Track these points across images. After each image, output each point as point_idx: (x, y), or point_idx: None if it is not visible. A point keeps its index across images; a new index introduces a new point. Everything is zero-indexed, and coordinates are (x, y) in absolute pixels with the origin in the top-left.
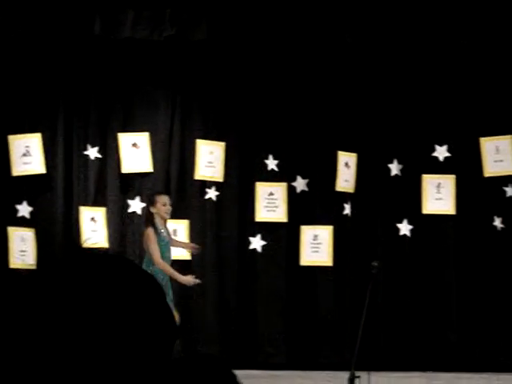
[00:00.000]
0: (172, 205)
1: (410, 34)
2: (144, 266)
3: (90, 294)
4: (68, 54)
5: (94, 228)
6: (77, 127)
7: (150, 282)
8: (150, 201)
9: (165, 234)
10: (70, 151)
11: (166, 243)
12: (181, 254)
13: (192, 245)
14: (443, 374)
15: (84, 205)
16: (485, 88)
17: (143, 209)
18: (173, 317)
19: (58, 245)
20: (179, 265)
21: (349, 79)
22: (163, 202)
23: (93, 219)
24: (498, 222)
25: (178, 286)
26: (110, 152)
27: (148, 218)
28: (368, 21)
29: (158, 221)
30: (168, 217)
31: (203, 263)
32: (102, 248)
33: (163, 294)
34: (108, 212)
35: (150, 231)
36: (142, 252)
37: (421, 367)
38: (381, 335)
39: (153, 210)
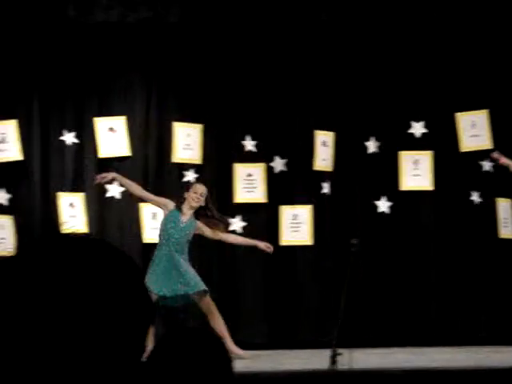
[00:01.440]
0: (202, 195)
1: (385, 9)
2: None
3: (69, 278)
4: (42, 39)
5: (72, 213)
6: (53, 112)
7: (129, 265)
8: (187, 187)
9: (186, 217)
10: (47, 137)
11: (178, 224)
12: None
13: (264, 244)
14: (424, 348)
15: (62, 190)
16: (459, 63)
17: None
18: (150, 300)
19: (37, 231)
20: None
21: (324, 58)
22: (195, 190)
23: (71, 205)
24: (475, 197)
25: None
26: (87, 137)
27: (180, 198)
28: None
29: (185, 206)
30: (195, 205)
31: None
32: (82, 233)
33: (142, 277)
34: (86, 197)
35: (166, 200)
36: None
37: (402, 343)
38: (362, 312)
39: (185, 194)
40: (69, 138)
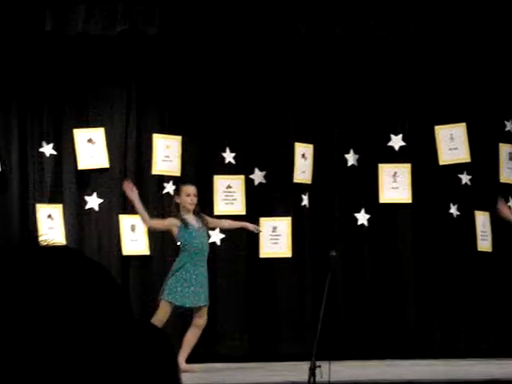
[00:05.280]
0: (195, 195)
1: (364, 23)
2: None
3: (43, 289)
4: (20, 52)
5: (50, 225)
6: (31, 124)
7: (106, 277)
8: (176, 190)
9: (194, 222)
10: (25, 149)
11: (192, 232)
12: (140, 249)
13: (253, 225)
14: (403, 361)
15: (40, 202)
16: (438, 76)
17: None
18: (131, 311)
19: (15, 243)
20: (140, 260)
21: (303, 70)
22: (187, 193)
23: (50, 216)
24: (453, 210)
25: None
26: (66, 148)
27: (173, 208)
28: (321, 11)
29: (183, 211)
30: (191, 207)
31: (163, 258)
32: (60, 244)
33: (119, 289)
34: (65, 209)
35: (168, 220)
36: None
37: (381, 355)
38: (340, 324)
39: (177, 200)
40: (47, 149)
